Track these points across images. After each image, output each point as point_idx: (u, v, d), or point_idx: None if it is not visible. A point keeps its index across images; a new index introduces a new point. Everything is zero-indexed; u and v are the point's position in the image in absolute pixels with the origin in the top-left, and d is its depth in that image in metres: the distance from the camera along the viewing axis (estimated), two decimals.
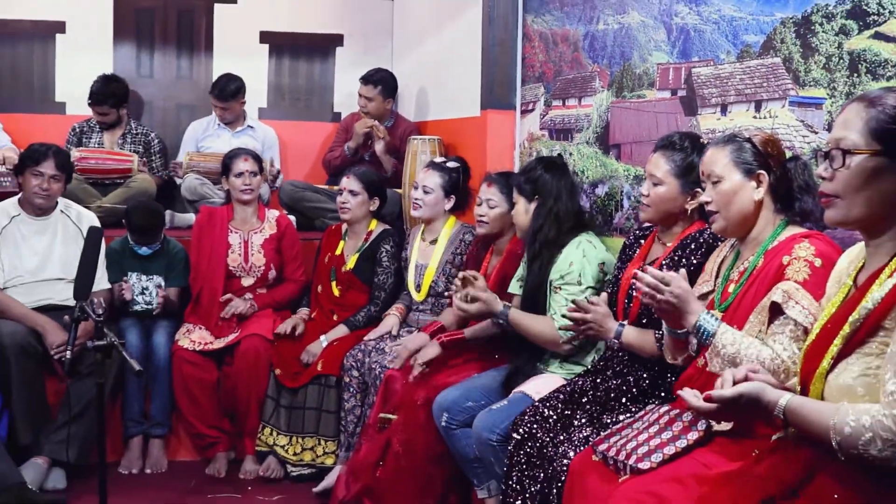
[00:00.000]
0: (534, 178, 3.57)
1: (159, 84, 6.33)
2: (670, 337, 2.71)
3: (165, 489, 4.31)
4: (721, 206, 2.60)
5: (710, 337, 2.45)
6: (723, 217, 2.61)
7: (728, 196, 2.58)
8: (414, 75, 6.04)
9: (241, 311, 4.64)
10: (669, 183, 3.01)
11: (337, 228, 4.82)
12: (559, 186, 3.55)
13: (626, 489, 2.33)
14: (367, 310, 4.54)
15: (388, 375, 3.93)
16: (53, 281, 4.48)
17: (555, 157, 3.74)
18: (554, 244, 3.47)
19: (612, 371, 3.12)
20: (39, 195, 4.41)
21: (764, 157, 2.59)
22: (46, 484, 4.15)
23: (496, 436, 3.25)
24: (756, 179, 2.58)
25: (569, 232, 3.50)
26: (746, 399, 2.02)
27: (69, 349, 3.14)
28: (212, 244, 4.75)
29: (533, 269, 3.52)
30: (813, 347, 2.07)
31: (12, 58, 6.07)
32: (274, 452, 4.43)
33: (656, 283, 2.52)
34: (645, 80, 3.80)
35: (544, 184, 3.55)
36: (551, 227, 3.49)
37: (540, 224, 3.52)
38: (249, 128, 5.96)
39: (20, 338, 4.19)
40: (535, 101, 4.67)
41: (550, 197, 3.53)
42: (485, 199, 3.95)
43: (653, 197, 3.04)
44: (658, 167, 3.03)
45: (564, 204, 3.53)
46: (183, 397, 4.53)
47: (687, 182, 2.99)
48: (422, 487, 3.74)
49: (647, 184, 3.07)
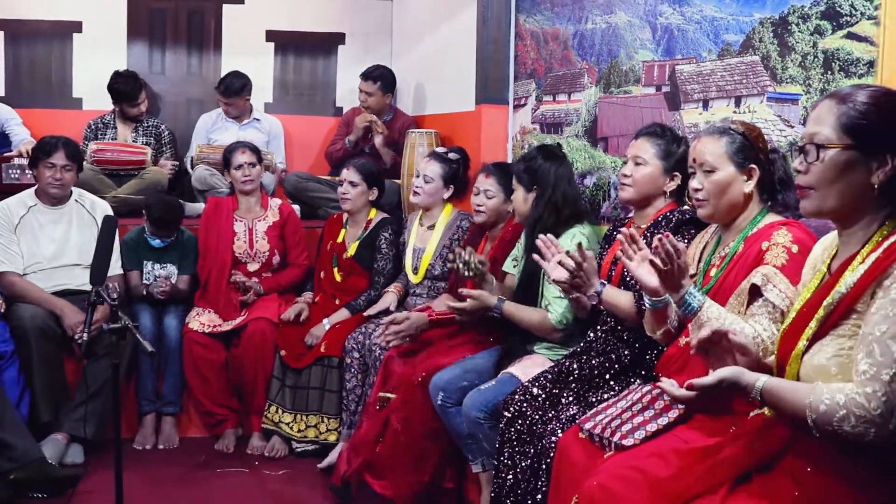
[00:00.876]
0: (534, 167, 3.54)
1: (170, 80, 6.31)
2: (650, 310, 2.71)
3: (177, 464, 4.32)
4: (711, 195, 2.59)
5: (696, 310, 2.45)
6: (712, 205, 2.61)
7: (721, 187, 2.58)
8: (412, 72, 6.02)
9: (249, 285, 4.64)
10: (653, 164, 3.04)
11: (338, 217, 4.82)
12: (558, 175, 3.52)
13: (610, 464, 2.34)
14: (368, 294, 4.54)
15: (388, 357, 3.93)
16: (70, 267, 4.48)
17: (553, 146, 3.70)
18: (551, 233, 3.45)
19: (595, 351, 3.12)
20: (53, 185, 4.41)
21: (755, 151, 2.59)
22: (65, 459, 4.15)
23: (483, 414, 3.26)
24: (747, 173, 2.58)
25: (567, 221, 3.48)
26: (727, 384, 2.02)
27: (86, 331, 3.13)
28: (218, 232, 4.76)
29: (530, 257, 3.50)
30: (790, 330, 2.07)
31: (32, 56, 6.04)
32: (279, 430, 4.43)
33: (671, 251, 2.46)
34: (631, 76, 3.79)
35: (544, 173, 3.52)
36: (550, 216, 3.47)
37: (540, 213, 3.49)
38: (256, 120, 5.94)
39: (40, 321, 4.19)
40: (526, 96, 4.65)
41: (549, 186, 3.50)
42: (483, 189, 3.93)
43: (636, 177, 3.05)
44: (643, 150, 3.06)
45: (563, 192, 3.51)
46: (193, 377, 4.53)
47: (668, 165, 3.03)
48: (419, 462, 3.74)
49: (630, 165, 3.08)
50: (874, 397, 1.79)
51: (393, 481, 3.77)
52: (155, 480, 4.06)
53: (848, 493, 1.88)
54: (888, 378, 1.79)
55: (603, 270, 3.16)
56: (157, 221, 4.61)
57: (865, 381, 1.81)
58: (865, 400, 1.80)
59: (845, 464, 1.89)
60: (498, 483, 3.02)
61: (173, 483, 4.05)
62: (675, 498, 2.05)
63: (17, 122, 5.45)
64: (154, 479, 4.08)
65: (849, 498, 1.88)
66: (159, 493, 3.92)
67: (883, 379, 1.79)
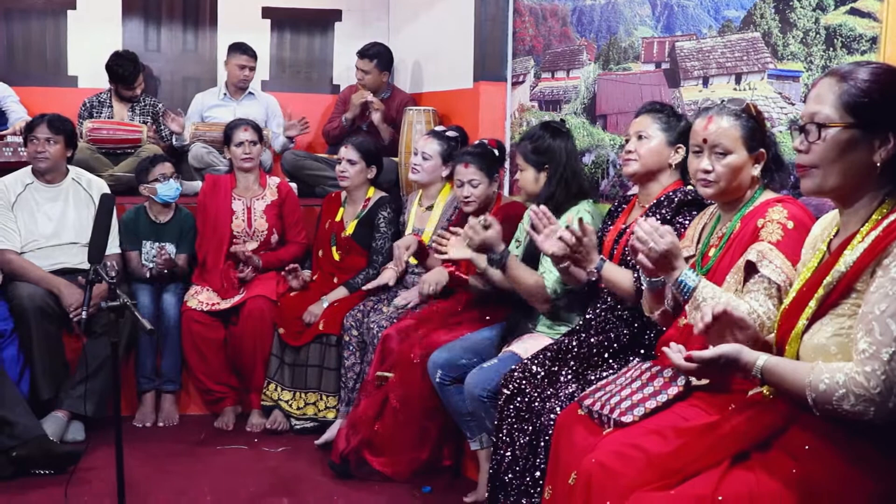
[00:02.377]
0: (542, 147, 3.51)
1: (166, 58, 6.27)
2: (648, 290, 2.71)
3: (177, 441, 4.33)
4: (723, 178, 2.55)
5: (691, 291, 2.44)
6: (721, 187, 2.57)
7: (734, 170, 2.54)
8: (410, 49, 5.98)
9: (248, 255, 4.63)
10: (657, 137, 3.03)
11: (336, 196, 4.80)
12: (568, 151, 3.51)
13: (609, 441, 2.34)
14: (366, 272, 4.53)
15: (385, 335, 3.93)
16: (68, 245, 4.47)
17: (557, 122, 3.66)
18: (560, 208, 3.43)
19: (594, 329, 3.12)
20: (38, 159, 4.40)
21: (762, 134, 2.57)
22: (66, 436, 4.17)
23: (486, 392, 3.26)
24: (756, 157, 2.56)
25: (574, 197, 3.47)
26: (725, 360, 2.02)
27: (85, 310, 3.13)
28: (216, 211, 4.74)
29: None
30: (789, 310, 2.08)
31: (26, 33, 6.00)
32: (279, 407, 4.44)
33: (653, 232, 2.49)
34: (630, 53, 3.78)
35: (553, 151, 3.50)
36: (561, 193, 3.46)
37: (552, 190, 3.48)
38: (251, 94, 5.90)
39: (38, 300, 4.19)
40: (525, 73, 4.63)
41: (560, 164, 3.49)
42: (466, 180, 3.90)
43: (641, 151, 3.04)
44: (646, 125, 3.05)
45: (572, 168, 3.51)
46: (192, 355, 4.53)
47: (671, 137, 3.02)
48: (417, 439, 3.77)
49: (633, 141, 3.06)
50: (873, 376, 1.80)
51: (391, 458, 3.80)
52: (155, 457, 4.07)
53: (847, 471, 1.89)
54: (888, 357, 1.79)
55: (605, 247, 3.16)
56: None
57: (865, 360, 1.82)
58: (865, 379, 1.80)
59: (844, 442, 1.90)
60: (496, 460, 3.03)
61: (173, 460, 4.06)
62: (674, 474, 2.05)
63: (14, 100, 5.42)
64: (154, 456, 4.09)
65: (848, 476, 1.88)
66: (160, 469, 3.93)
67: (882, 358, 1.79)
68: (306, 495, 3.70)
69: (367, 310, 4.26)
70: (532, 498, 2.87)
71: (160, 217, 4.73)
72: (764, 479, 1.93)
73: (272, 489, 3.76)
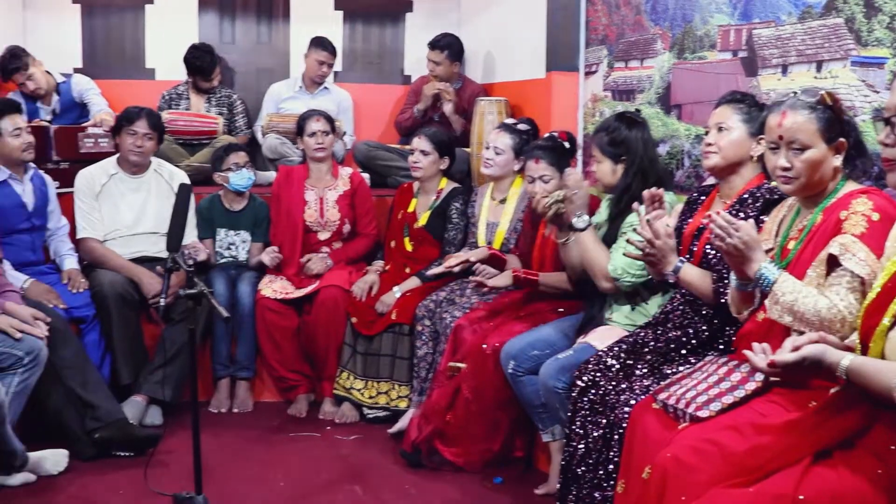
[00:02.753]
0: (619, 139, 3.45)
1: (241, 50, 6.35)
2: (737, 290, 2.65)
3: (251, 427, 4.40)
4: (803, 174, 2.46)
5: (771, 284, 2.39)
6: (801, 183, 2.48)
7: (814, 165, 2.46)
8: (480, 39, 5.97)
9: (319, 271, 4.68)
10: (738, 128, 2.95)
11: (409, 186, 4.81)
12: (644, 142, 3.45)
13: (685, 436, 2.31)
14: (438, 263, 4.53)
15: (457, 325, 3.94)
16: (148, 234, 4.57)
17: (633, 113, 3.60)
18: (638, 199, 3.39)
19: (672, 323, 3.08)
20: (134, 152, 4.50)
21: (840, 123, 2.49)
22: (145, 420, 4.27)
23: (561, 383, 3.24)
24: (836, 148, 2.49)
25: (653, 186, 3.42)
26: (809, 362, 1.98)
27: (163, 297, 3.20)
28: (289, 201, 4.80)
29: (615, 223, 3.45)
30: (873, 305, 2.02)
31: (106, 28, 6.14)
32: (350, 397, 4.48)
33: (727, 227, 2.45)
34: (706, 41, 3.71)
35: (630, 143, 3.44)
36: (638, 185, 3.39)
37: (628, 182, 3.43)
38: (325, 89, 5.97)
39: (119, 287, 4.30)
40: (598, 62, 4.58)
41: (637, 155, 3.43)
42: (537, 176, 3.84)
43: (722, 143, 2.96)
44: (726, 116, 2.97)
45: (649, 159, 3.45)
46: (266, 343, 4.60)
47: (753, 129, 2.93)
48: (489, 431, 3.77)
49: (713, 133, 2.99)
50: None
51: (463, 449, 3.80)
52: (230, 443, 4.14)
53: None
54: None
55: (684, 241, 3.10)
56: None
57: None
58: None
59: None
60: (569, 452, 3.02)
61: (248, 446, 4.13)
62: (751, 472, 2.02)
63: (96, 93, 5.55)
64: (229, 441, 4.16)
65: None
66: (234, 455, 4.00)
67: None
68: (378, 483, 3.73)
69: (439, 300, 4.27)
70: (604, 492, 2.85)
71: (234, 206, 4.81)
72: (848, 479, 1.89)
73: (344, 477, 3.80)
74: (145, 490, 3.49)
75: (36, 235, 4.33)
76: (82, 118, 5.47)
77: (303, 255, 4.76)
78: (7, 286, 3.84)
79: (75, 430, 3.82)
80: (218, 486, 3.53)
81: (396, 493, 3.65)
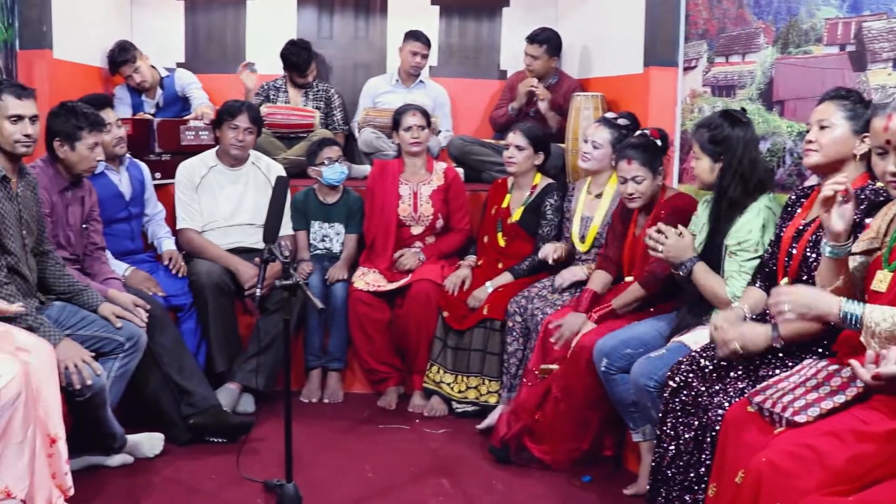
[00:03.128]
0: (720, 136, 3.35)
1: (338, 45, 6.43)
2: (830, 258, 2.53)
3: (341, 418, 4.46)
4: None
5: (860, 319, 2.30)
6: None
7: None
8: (577, 33, 5.91)
9: (411, 267, 4.71)
10: (841, 126, 2.85)
11: (503, 182, 4.80)
12: (746, 143, 3.34)
13: (781, 441, 2.26)
14: (532, 259, 4.50)
15: (548, 322, 3.91)
16: (245, 226, 4.68)
17: (738, 111, 3.49)
18: (738, 204, 3.30)
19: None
20: (235, 146, 4.61)
21: None
22: (238, 407, 4.37)
23: (653, 382, 3.19)
24: None
25: (753, 191, 3.32)
26: None
27: (259, 287, 3.26)
28: (384, 195, 4.83)
29: (714, 226, 3.37)
30: None
31: (208, 23, 6.29)
32: (440, 391, 4.50)
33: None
34: (812, 35, 3.59)
35: (731, 142, 3.33)
36: (737, 187, 3.31)
37: (727, 183, 3.33)
38: (421, 83, 6.01)
39: (216, 276, 4.40)
40: (697, 57, 4.49)
41: (736, 156, 3.32)
42: (630, 177, 3.75)
43: (823, 141, 2.86)
44: (828, 112, 2.87)
45: (750, 160, 3.33)
46: (358, 335, 4.65)
47: (857, 126, 2.83)
48: (579, 429, 3.74)
49: (814, 130, 2.90)
50: None
51: (552, 447, 3.79)
52: (320, 433, 4.20)
53: None
54: None
55: (783, 245, 3.00)
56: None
57: None
58: None
59: None
60: (659, 453, 2.97)
61: (337, 436, 4.19)
62: (852, 481, 1.96)
63: (198, 87, 5.69)
64: (319, 431, 4.22)
65: None
66: (324, 444, 4.06)
67: None
68: (466, 478, 3.74)
69: (531, 296, 4.25)
70: (695, 495, 2.80)
71: (328, 199, 4.88)
72: None
73: (432, 470, 3.81)
74: (237, 476, 3.57)
75: (134, 224, 4.47)
76: (184, 112, 5.63)
77: (396, 249, 4.79)
78: (110, 274, 3.97)
79: (171, 416, 3.93)
80: (307, 475, 3.59)
81: (483, 488, 3.65)
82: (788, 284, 2.89)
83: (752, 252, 3.23)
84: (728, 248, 3.30)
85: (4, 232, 3.29)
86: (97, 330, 3.55)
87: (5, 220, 3.30)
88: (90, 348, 3.45)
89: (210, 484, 3.58)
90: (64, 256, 3.75)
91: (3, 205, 3.31)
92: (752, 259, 3.23)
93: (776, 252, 3.06)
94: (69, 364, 3.24)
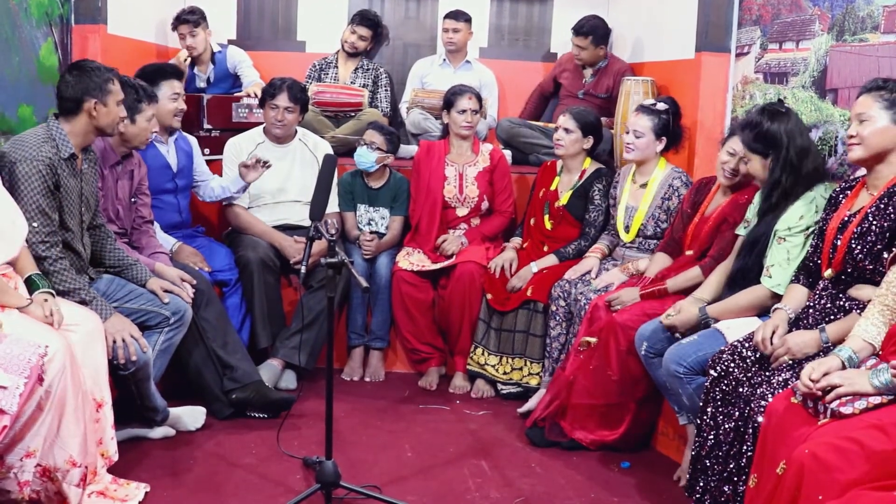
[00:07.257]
0: (762, 134, 3.32)
1: (389, 24, 6.42)
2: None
3: (382, 397, 4.48)
4: None
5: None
6: None
7: None
8: (630, 17, 5.85)
9: (454, 251, 4.71)
10: (881, 117, 2.81)
11: (552, 165, 4.77)
12: (788, 133, 3.29)
13: (825, 432, 2.24)
14: (578, 243, 4.49)
15: (594, 305, 3.90)
16: (291, 203, 4.72)
17: (776, 103, 3.46)
18: (791, 194, 3.27)
19: (812, 318, 2.95)
20: (276, 125, 4.65)
21: None
22: (280, 383, 4.42)
23: (683, 368, 3.19)
24: None
25: (807, 178, 3.27)
26: None
27: (304, 264, 3.27)
28: (429, 176, 4.83)
29: (765, 218, 3.33)
30: None
31: (261, 1, 6.32)
32: (483, 373, 4.50)
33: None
34: (868, 23, 3.52)
35: (775, 137, 3.29)
36: (789, 177, 3.27)
37: (777, 177, 3.29)
38: (467, 63, 5.99)
39: (262, 252, 4.44)
40: (750, 44, 4.42)
41: (782, 148, 3.28)
42: (734, 154, 3.68)
43: (864, 134, 2.82)
44: (867, 105, 2.83)
45: (798, 148, 3.28)
46: (401, 314, 4.67)
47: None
48: (615, 412, 3.76)
49: (855, 125, 2.86)
50: None
51: (590, 431, 3.78)
52: (361, 411, 4.23)
53: None
54: None
55: (828, 237, 2.95)
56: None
57: None
58: None
59: None
60: (699, 442, 2.96)
61: (378, 415, 4.22)
62: None
63: (248, 65, 5.72)
64: (360, 408, 4.26)
65: None
66: (364, 422, 4.09)
67: None
68: (504, 460, 3.75)
69: (575, 280, 4.24)
70: (736, 486, 2.79)
71: (372, 183, 4.87)
72: None
73: (471, 451, 3.83)
74: (277, 451, 3.62)
75: (181, 197, 4.49)
76: (234, 88, 5.67)
77: (441, 230, 4.80)
78: (157, 248, 4.03)
79: (214, 390, 3.97)
80: (347, 453, 3.63)
81: (522, 470, 3.65)
82: (832, 276, 2.86)
83: (802, 237, 3.19)
84: (777, 234, 3.26)
85: (66, 209, 3.36)
86: (144, 303, 3.61)
87: (69, 197, 3.36)
88: (136, 321, 3.51)
89: (250, 459, 3.63)
90: (113, 230, 3.81)
91: (68, 181, 3.36)
92: (801, 247, 3.18)
93: (820, 245, 3.01)
94: (117, 338, 3.31)
